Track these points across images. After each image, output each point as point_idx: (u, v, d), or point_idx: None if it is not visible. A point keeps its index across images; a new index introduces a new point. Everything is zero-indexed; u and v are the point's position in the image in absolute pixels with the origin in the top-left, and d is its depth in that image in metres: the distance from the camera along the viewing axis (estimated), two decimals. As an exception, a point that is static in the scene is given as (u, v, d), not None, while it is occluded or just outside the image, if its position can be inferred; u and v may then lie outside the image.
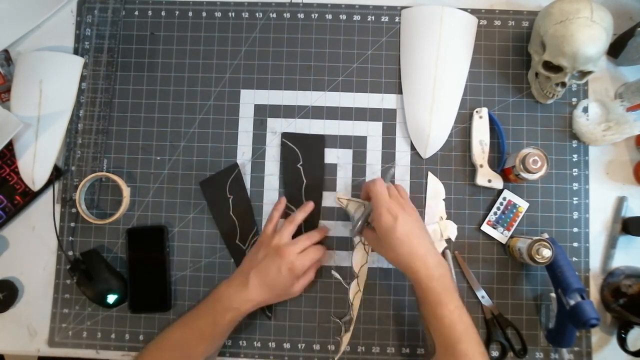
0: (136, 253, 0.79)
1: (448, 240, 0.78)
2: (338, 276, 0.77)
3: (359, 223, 0.72)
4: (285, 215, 0.78)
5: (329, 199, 0.80)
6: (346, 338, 0.75)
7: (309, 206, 0.77)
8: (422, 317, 0.69)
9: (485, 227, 0.78)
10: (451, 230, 0.78)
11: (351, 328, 0.76)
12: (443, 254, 0.78)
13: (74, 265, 0.77)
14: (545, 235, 0.74)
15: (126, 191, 0.78)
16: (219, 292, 0.70)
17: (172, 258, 0.79)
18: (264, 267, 0.70)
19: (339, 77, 0.82)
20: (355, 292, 0.76)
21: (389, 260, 0.71)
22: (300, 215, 0.75)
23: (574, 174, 0.80)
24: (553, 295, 0.74)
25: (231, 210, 0.79)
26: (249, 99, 0.82)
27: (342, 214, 0.79)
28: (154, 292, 0.78)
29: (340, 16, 0.83)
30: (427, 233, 0.71)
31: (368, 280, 0.78)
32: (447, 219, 0.79)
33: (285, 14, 0.83)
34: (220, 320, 0.68)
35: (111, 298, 0.76)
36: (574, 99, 0.81)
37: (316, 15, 0.83)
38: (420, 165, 0.80)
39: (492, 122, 0.79)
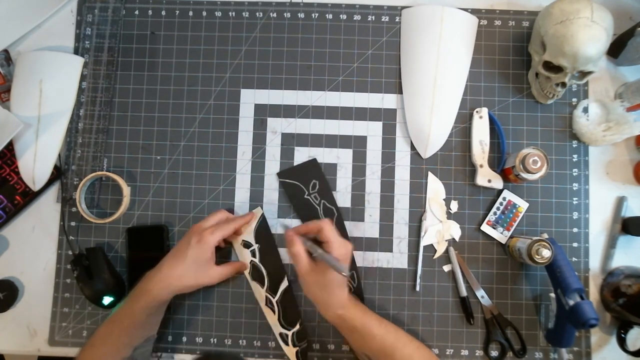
0: (136, 252, 0.79)
1: (452, 240, 0.79)
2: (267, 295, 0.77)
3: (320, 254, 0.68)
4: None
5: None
6: (292, 353, 0.75)
7: (248, 216, 0.77)
8: (354, 346, 0.72)
9: (485, 227, 0.78)
10: (454, 230, 0.78)
11: (297, 341, 0.76)
12: (447, 252, 0.78)
13: (77, 260, 0.77)
14: (545, 236, 0.74)
15: (126, 190, 0.79)
16: (140, 280, 0.71)
17: (172, 257, 0.79)
18: (176, 247, 0.71)
19: (339, 76, 0.82)
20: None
21: (311, 296, 0.69)
22: (237, 221, 0.74)
23: (574, 174, 0.80)
24: (552, 295, 0.74)
25: (258, 259, 0.78)
26: (249, 98, 0.82)
27: (357, 215, 0.79)
28: None
29: (341, 16, 0.83)
30: None
31: (368, 280, 0.78)
32: (447, 219, 0.79)
33: (285, 14, 0.83)
34: (135, 307, 0.68)
35: (107, 300, 0.76)
36: (574, 99, 0.81)
37: (316, 14, 0.83)
38: (420, 165, 0.80)
39: (492, 122, 0.79)
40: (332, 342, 0.77)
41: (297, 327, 0.76)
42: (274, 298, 0.76)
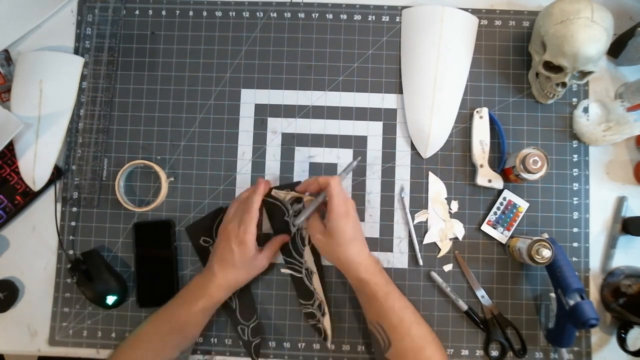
0: (143, 247, 0.79)
1: (455, 240, 0.79)
2: (289, 271, 0.77)
3: (309, 211, 0.71)
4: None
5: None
6: (327, 322, 0.75)
7: (260, 184, 0.75)
8: (368, 314, 0.71)
9: (485, 227, 0.78)
10: (457, 229, 0.78)
11: (326, 309, 0.75)
12: (450, 251, 0.78)
13: (75, 265, 0.77)
14: (545, 236, 0.74)
15: (165, 179, 0.79)
16: (191, 284, 0.72)
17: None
18: (219, 252, 0.71)
19: (340, 76, 0.82)
20: (315, 279, 0.76)
21: (329, 258, 0.71)
22: (256, 198, 0.73)
23: (574, 174, 0.80)
24: (553, 295, 0.75)
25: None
26: (250, 98, 0.82)
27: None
28: (162, 287, 0.78)
29: (341, 16, 0.83)
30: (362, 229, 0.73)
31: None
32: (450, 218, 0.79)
33: (286, 14, 0.83)
34: (194, 309, 0.69)
35: (110, 299, 0.76)
36: (574, 99, 0.81)
37: (317, 14, 0.83)
38: (420, 165, 0.80)
39: (492, 122, 0.79)
40: (332, 341, 0.77)
41: (254, 322, 0.76)
42: (233, 293, 0.76)
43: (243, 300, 0.77)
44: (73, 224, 0.80)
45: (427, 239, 0.78)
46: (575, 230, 0.79)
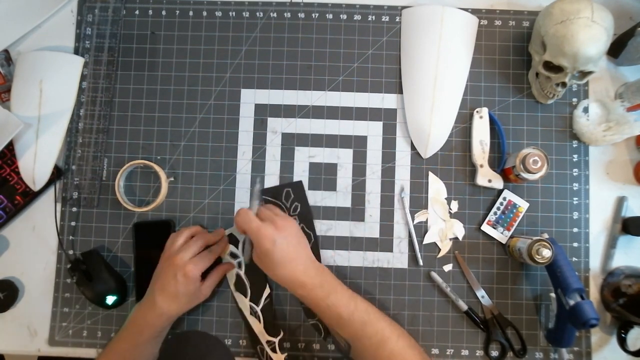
0: (143, 247, 0.79)
1: (455, 240, 0.79)
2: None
3: (246, 251, 0.70)
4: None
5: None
6: None
7: (218, 235, 0.77)
8: (330, 330, 0.72)
9: (485, 227, 0.78)
10: (457, 229, 0.78)
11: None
12: (450, 251, 0.78)
13: (74, 265, 0.77)
14: (545, 235, 0.74)
15: (164, 179, 0.79)
16: (134, 316, 0.72)
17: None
18: (163, 280, 0.70)
19: (340, 76, 0.82)
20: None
21: (274, 279, 0.70)
22: (201, 230, 0.76)
23: (574, 174, 0.80)
24: (553, 295, 0.75)
25: (243, 270, 0.78)
26: (250, 98, 0.82)
27: (357, 215, 0.80)
28: None
29: (341, 16, 0.83)
30: (305, 243, 0.71)
31: (368, 280, 0.78)
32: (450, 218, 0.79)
33: (285, 14, 0.83)
34: (140, 340, 0.70)
35: (110, 299, 0.76)
36: (574, 99, 0.81)
37: (317, 14, 0.83)
38: (420, 165, 0.80)
39: (492, 122, 0.79)
40: (331, 341, 0.77)
41: (281, 334, 0.76)
42: (257, 307, 0.76)
43: (266, 315, 0.77)
44: (73, 224, 0.80)
45: (427, 239, 0.78)
46: (575, 230, 0.79)
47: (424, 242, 0.78)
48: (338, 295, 0.68)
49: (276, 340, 0.76)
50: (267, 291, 0.77)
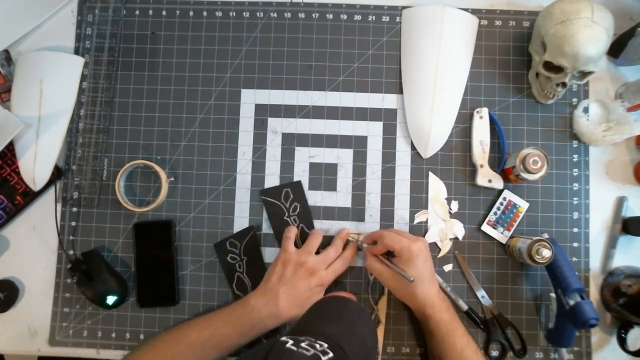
0: (143, 247, 0.79)
1: (455, 240, 0.79)
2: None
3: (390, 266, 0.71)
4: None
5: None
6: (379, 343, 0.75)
7: (342, 236, 0.77)
8: (431, 348, 0.72)
9: (485, 227, 0.78)
10: (457, 229, 0.78)
11: (381, 332, 0.76)
12: (450, 252, 0.78)
13: (75, 265, 0.77)
14: (545, 236, 0.74)
15: (165, 179, 0.78)
16: (249, 305, 0.70)
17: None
18: (294, 285, 0.70)
19: (340, 76, 0.82)
20: (382, 300, 0.77)
21: (397, 294, 0.72)
22: (320, 235, 0.76)
23: (574, 174, 0.80)
24: (553, 295, 0.75)
25: (245, 271, 0.78)
26: (250, 98, 0.82)
27: (357, 215, 0.80)
28: (162, 287, 0.78)
29: (341, 16, 0.83)
30: (432, 265, 0.73)
31: (368, 280, 0.78)
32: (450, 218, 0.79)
33: (286, 14, 0.83)
34: (247, 333, 0.69)
35: (110, 299, 0.76)
36: (575, 99, 0.81)
37: (317, 15, 0.83)
38: (420, 165, 0.80)
39: (492, 122, 0.79)
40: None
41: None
42: None
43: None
44: (73, 224, 0.80)
45: (428, 239, 0.78)
46: (575, 230, 0.79)
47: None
48: (458, 324, 0.70)
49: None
50: None
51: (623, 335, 0.75)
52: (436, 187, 0.80)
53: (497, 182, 0.78)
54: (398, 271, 0.69)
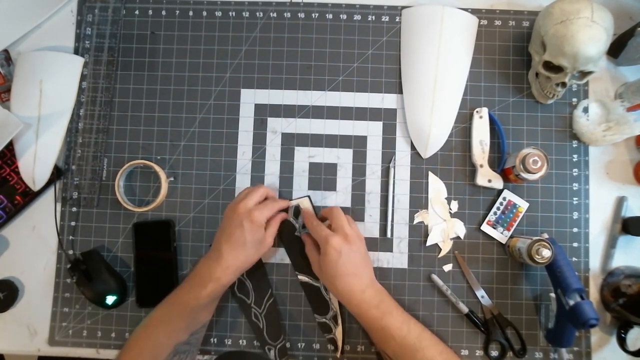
0: (143, 247, 0.79)
1: (456, 239, 0.79)
2: (306, 279, 0.77)
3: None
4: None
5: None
6: (339, 333, 0.75)
7: (285, 201, 0.77)
8: (375, 344, 0.72)
9: (485, 227, 0.78)
10: (459, 228, 0.78)
11: (339, 321, 0.76)
12: (450, 251, 0.78)
13: (74, 265, 0.77)
14: (545, 236, 0.74)
15: (164, 179, 0.79)
16: (198, 268, 0.71)
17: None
18: (229, 231, 0.70)
19: (340, 76, 0.82)
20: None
21: (330, 289, 0.72)
22: (279, 202, 0.76)
23: (574, 174, 0.80)
24: (552, 295, 0.75)
25: (245, 273, 0.78)
26: (250, 98, 0.82)
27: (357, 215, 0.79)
28: (161, 287, 0.78)
29: (341, 16, 0.83)
30: (369, 263, 0.73)
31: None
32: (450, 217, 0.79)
33: (285, 14, 0.83)
34: (202, 292, 0.68)
35: (110, 299, 0.76)
36: (574, 99, 0.81)
37: (317, 14, 0.83)
38: (420, 165, 0.80)
39: (492, 122, 0.79)
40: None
41: (281, 342, 0.76)
42: (259, 312, 0.76)
43: (270, 320, 0.77)
44: (73, 224, 0.80)
45: (430, 241, 0.78)
46: (575, 230, 0.79)
47: (427, 244, 0.78)
48: (392, 317, 0.69)
49: (273, 348, 0.76)
50: (269, 297, 0.77)
51: (623, 335, 0.75)
52: (436, 187, 0.80)
53: (497, 182, 0.78)
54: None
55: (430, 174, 0.80)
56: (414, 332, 0.68)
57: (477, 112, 0.80)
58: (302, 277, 0.77)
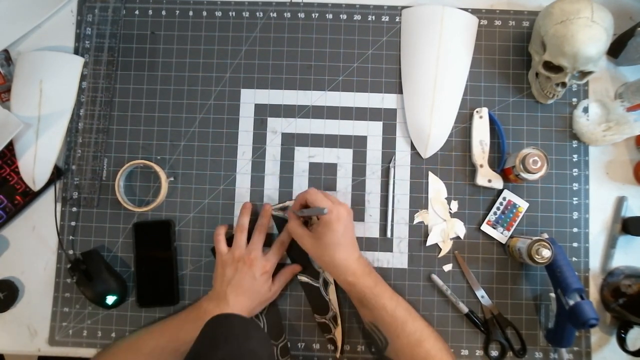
0: (143, 247, 0.79)
1: (456, 239, 0.79)
2: (306, 279, 0.77)
3: (305, 212, 0.72)
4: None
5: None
6: (339, 333, 0.75)
7: (266, 212, 0.77)
8: (363, 315, 0.72)
9: (485, 227, 0.78)
10: (459, 228, 0.78)
11: (339, 321, 0.76)
12: (450, 251, 0.78)
13: (74, 265, 0.77)
14: (545, 236, 0.74)
15: (164, 179, 0.79)
16: (201, 308, 0.71)
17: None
18: (237, 281, 0.71)
19: (340, 76, 0.82)
20: (331, 290, 0.76)
21: (318, 261, 0.72)
22: (243, 219, 0.76)
23: (574, 174, 0.80)
24: (552, 295, 0.75)
25: None
26: (250, 98, 0.82)
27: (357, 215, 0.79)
28: (161, 287, 0.78)
29: (341, 16, 0.83)
30: (354, 232, 0.73)
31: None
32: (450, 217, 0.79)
33: (285, 14, 0.83)
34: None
35: (110, 299, 0.76)
36: (574, 99, 0.81)
37: (317, 14, 0.83)
38: (420, 165, 0.80)
39: (492, 122, 0.79)
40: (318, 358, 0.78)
41: (282, 341, 0.76)
42: (260, 311, 0.76)
43: (271, 319, 0.77)
44: (73, 224, 0.80)
45: (430, 241, 0.78)
46: (575, 230, 0.79)
47: (427, 244, 0.78)
48: (383, 287, 0.70)
49: (275, 347, 0.76)
50: None
51: (623, 335, 0.75)
52: (436, 187, 0.80)
53: (497, 182, 0.78)
54: (311, 212, 0.69)
55: (430, 174, 0.80)
56: (403, 305, 0.70)
57: (477, 112, 0.80)
58: (302, 277, 0.77)
